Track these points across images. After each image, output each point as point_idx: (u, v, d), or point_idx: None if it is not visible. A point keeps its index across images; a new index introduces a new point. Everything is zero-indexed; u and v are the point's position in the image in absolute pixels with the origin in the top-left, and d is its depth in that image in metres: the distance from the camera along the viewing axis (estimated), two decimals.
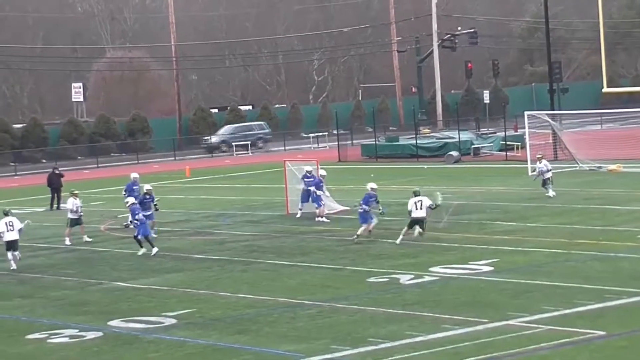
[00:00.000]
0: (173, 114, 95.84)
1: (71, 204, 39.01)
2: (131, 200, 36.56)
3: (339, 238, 36.13)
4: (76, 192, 39.83)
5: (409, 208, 34.06)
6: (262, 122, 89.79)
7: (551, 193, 42.67)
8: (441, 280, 27.90)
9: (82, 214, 39.14)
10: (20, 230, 34.03)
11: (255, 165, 68.75)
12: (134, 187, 41.03)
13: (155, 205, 38.79)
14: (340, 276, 29.53)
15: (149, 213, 37.63)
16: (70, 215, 39.01)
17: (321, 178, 41.02)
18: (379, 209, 35.87)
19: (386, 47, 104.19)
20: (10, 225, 33.81)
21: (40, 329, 25.25)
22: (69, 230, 38.98)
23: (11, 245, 33.90)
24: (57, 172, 51.98)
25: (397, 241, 33.73)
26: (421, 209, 33.95)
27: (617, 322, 22.47)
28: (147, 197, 38.61)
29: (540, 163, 43.20)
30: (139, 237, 34.85)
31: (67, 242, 38.67)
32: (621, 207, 39.32)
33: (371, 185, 36.48)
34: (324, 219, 40.01)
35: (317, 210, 40.39)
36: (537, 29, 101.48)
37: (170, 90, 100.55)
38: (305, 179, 41.50)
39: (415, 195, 34.24)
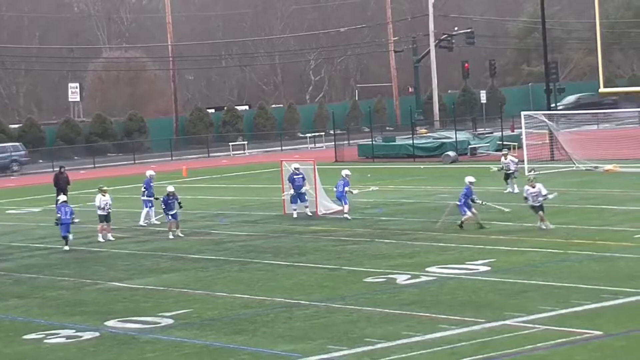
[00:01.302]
0: (170, 114, 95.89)
1: (99, 200, 39.17)
2: (62, 198, 38.65)
3: (335, 238, 36.14)
4: (105, 188, 39.97)
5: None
6: (18, 144, 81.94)
7: (515, 189, 44.10)
8: (438, 280, 27.91)
9: (110, 210, 39.23)
10: None
11: (252, 166, 68.78)
12: (151, 184, 42.38)
13: (179, 203, 38.94)
14: (337, 276, 29.53)
15: (173, 212, 38.49)
16: (99, 212, 39.17)
17: (347, 178, 41.17)
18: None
19: (383, 47, 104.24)
20: None
21: (36, 329, 25.24)
22: (101, 226, 39.14)
23: None
24: (63, 172, 52.00)
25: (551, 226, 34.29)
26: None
27: (614, 322, 22.49)
28: (171, 197, 38.80)
29: (505, 159, 45.49)
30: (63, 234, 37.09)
31: (100, 238, 38.87)
32: (617, 207, 39.35)
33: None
34: (348, 216, 40.13)
35: (345, 207, 40.56)
36: (533, 29, 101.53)
37: (167, 90, 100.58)
38: (295, 176, 41.58)
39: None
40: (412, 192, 48.02)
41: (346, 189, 40.65)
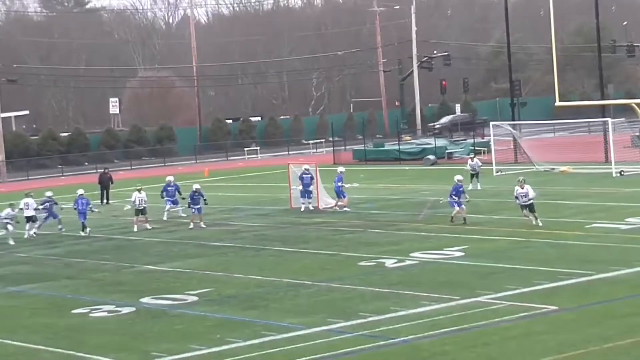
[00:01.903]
0: (194, 124, 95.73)
1: (135, 197, 39.45)
2: (80, 191, 40.24)
3: (334, 228, 36.11)
4: (141, 187, 40.29)
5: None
6: None
7: (478, 186, 44.97)
8: (420, 264, 27.89)
9: (146, 205, 39.37)
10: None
11: (264, 168, 68.70)
12: (168, 188, 41.96)
13: (204, 200, 38.92)
14: (336, 260, 29.51)
15: (198, 206, 38.57)
16: (136, 207, 39.38)
17: (341, 174, 41.17)
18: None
19: (374, 68, 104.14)
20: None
21: (83, 304, 25.25)
22: (136, 219, 39.31)
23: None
24: (106, 172, 51.99)
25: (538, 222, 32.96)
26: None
27: (567, 299, 22.48)
28: (196, 194, 38.83)
29: (472, 161, 46.26)
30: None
31: (135, 228, 39.00)
32: (571, 202, 39.32)
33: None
34: (347, 209, 40.05)
35: (345, 201, 40.57)
36: (500, 52, 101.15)
37: (192, 104, 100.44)
38: (304, 175, 41.55)
39: (520, 181, 33.69)
40: (399, 190, 47.98)
41: (339, 183, 40.68)
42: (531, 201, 33.28)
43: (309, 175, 41.54)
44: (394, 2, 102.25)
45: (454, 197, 35.51)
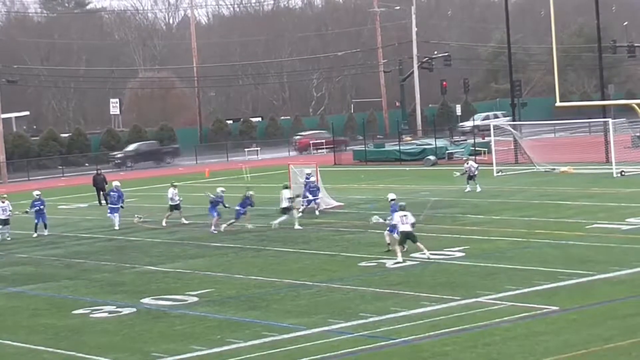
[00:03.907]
0: (195, 125, 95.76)
1: (171, 193, 39.79)
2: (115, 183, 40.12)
3: (334, 229, 36.10)
4: (175, 183, 40.72)
5: (395, 222, 28.90)
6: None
7: (478, 188, 44.52)
8: (421, 264, 27.87)
9: (180, 200, 39.83)
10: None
11: (264, 168, 68.68)
12: (112, 193, 41.08)
13: (225, 205, 38.21)
14: (336, 261, 29.49)
15: (218, 211, 37.84)
16: (170, 202, 39.73)
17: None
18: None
19: (374, 69, 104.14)
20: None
21: (84, 305, 25.25)
22: (169, 215, 39.71)
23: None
24: (100, 174, 51.93)
25: (400, 260, 28.17)
26: (406, 223, 28.53)
27: (568, 299, 22.46)
28: (219, 198, 37.99)
29: (467, 164, 45.86)
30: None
31: (164, 223, 39.37)
32: (572, 203, 39.30)
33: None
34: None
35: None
36: (500, 53, 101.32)
37: (192, 104, 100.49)
38: (306, 180, 41.44)
39: (401, 209, 29.05)
40: (399, 190, 47.92)
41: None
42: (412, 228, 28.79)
43: (313, 182, 41.13)
44: (395, 3, 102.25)
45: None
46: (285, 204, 37.42)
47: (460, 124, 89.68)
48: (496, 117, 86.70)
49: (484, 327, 20.45)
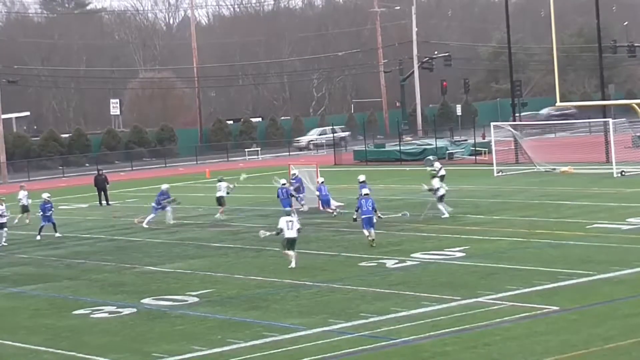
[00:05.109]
0: (195, 125, 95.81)
1: (225, 186, 41.34)
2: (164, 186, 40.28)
3: (335, 229, 36.11)
4: (222, 178, 42.18)
5: (280, 226, 28.51)
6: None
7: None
8: (421, 265, 27.88)
9: (224, 194, 41.25)
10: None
11: (265, 168, 68.68)
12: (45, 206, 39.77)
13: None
14: (336, 261, 29.49)
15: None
16: (220, 194, 41.15)
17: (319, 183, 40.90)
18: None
19: (374, 69, 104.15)
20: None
21: (84, 305, 25.25)
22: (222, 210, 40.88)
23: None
24: (101, 174, 51.92)
25: (294, 263, 28.19)
26: (292, 228, 28.24)
27: (568, 299, 22.46)
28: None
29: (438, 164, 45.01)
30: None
31: (218, 216, 40.56)
32: (572, 202, 39.30)
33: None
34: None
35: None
36: (501, 53, 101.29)
37: (193, 105, 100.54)
38: (293, 179, 41.69)
39: (287, 215, 29.69)
40: (399, 190, 47.99)
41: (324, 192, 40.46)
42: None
43: (294, 181, 41.42)
44: (395, 3, 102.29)
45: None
46: (220, 194, 40.84)
47: (297, 138, 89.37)
48: (334, 132, 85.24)
49: (484, 327, 20.45)
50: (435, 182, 37.35)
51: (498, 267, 26.66)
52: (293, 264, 28.27)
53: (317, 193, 40.48)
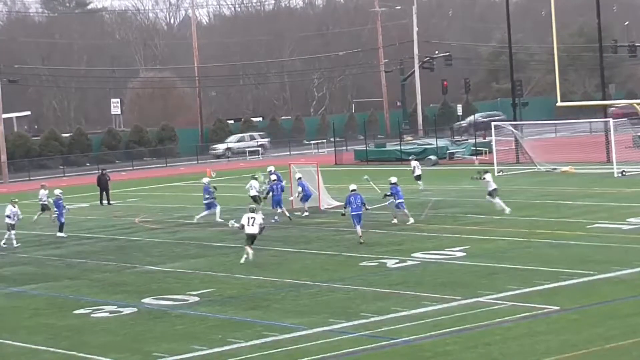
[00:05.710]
0: (196, 125, 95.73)
1: (256, 185, 41.69)
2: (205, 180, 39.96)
3: (335, 229, 36.09)
4: (256, 175, 42.59)
5: (242, 222, 29.56)
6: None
7: (421, 186, 46.50)
8: (422, 264, 27.88)
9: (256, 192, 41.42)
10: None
11: (265, 168, 68.54)
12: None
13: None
14: (337, 261, 29.50)
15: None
16: (252, 193, 41.42)
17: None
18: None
19: (375, 68, 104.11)
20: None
21: (85, 305, 25.25)
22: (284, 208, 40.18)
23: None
24: (104, 174, 51.91)
25: (250, 257, 29.12)
26: (253, 225, 29.14)
27: (569, 299, 22.47)
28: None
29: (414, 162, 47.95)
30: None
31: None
32: (573, 202, 39.31)
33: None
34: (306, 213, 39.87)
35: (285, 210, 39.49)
36: (501, 53, 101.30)
37: (193, 104, 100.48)
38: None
39: (250, 211, 29.86)
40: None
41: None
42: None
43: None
44: (395, 3, 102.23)
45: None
46: (253, 193, 40.53)
47: (213, 145, 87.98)
48: (252, 138, 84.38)
49: (484, 326, 20.45)
50: (488, 177, 38.23)
51: (499, 267, 26.66)
52: (243, 260, 28.89)
53: (300, 189, 40.34)
